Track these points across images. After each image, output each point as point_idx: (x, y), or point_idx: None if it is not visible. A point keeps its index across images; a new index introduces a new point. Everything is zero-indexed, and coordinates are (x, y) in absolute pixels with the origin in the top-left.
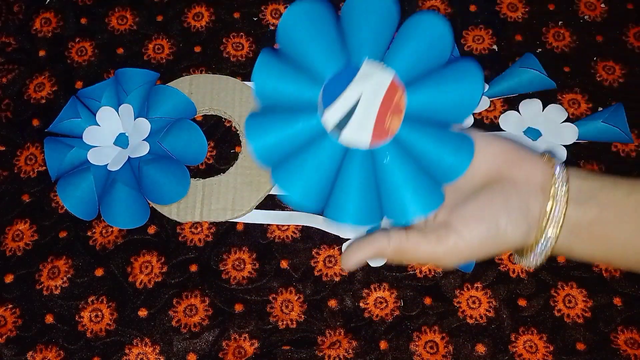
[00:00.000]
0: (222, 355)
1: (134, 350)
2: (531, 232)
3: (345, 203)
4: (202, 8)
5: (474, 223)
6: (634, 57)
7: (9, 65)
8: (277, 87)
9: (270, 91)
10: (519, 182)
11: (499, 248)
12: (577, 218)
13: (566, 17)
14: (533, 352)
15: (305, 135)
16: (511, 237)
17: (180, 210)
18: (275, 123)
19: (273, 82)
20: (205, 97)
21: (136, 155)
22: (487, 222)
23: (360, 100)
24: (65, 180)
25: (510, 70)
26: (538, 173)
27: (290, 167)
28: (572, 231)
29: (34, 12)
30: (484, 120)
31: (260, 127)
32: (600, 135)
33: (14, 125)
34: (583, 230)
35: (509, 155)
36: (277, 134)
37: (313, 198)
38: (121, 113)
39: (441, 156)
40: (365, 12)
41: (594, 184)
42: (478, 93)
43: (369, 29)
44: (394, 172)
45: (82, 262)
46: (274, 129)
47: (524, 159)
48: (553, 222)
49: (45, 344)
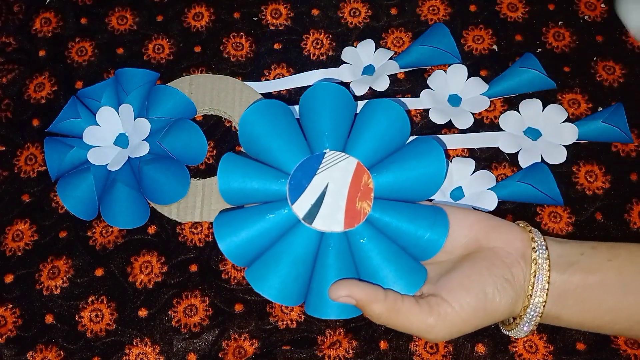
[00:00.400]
0: (222, 355)
1: (134, 350)
2: (518, 300)
3: (328, 299)
4: (202, 8)
5: (462, 293)
6: (634, 57)
7: (9, 65)
8: (243, 186)
9: (237, 192)
10: (499, 250)
11: (490, 318)
12: (562, 283)
13: (566, 17)
14: (533, 352)
15: (277, 229)
16: (499, 306)
17: (180, 210)
18: (245, 220)
19: (238, 183)
20: (205, 97)
21: (136, 155)
22: (475, 291)
23: (328, 188)
24: (65, 180)
25: (510, 70)
26: (516, 240)
27: (264, 265)
28: (558, 297)
29: (34, 12)
30: (484, 120)
31: (230, 226)
32: (600, 135)
33: (14, 125)
34: (570, 296)
35: (484, 224)
36: (248, 232)
37: (292, 293)
38: (121, 113)
39: (417, 233)
40: (322, 103)
41: (573, 250)
42: (442, 168)
43: (328, 119)
44: (373, 253)
45: (82, 262)
46: (244, 226)
47: (500, 227)
48: (538, 287)
49: (45, 344)
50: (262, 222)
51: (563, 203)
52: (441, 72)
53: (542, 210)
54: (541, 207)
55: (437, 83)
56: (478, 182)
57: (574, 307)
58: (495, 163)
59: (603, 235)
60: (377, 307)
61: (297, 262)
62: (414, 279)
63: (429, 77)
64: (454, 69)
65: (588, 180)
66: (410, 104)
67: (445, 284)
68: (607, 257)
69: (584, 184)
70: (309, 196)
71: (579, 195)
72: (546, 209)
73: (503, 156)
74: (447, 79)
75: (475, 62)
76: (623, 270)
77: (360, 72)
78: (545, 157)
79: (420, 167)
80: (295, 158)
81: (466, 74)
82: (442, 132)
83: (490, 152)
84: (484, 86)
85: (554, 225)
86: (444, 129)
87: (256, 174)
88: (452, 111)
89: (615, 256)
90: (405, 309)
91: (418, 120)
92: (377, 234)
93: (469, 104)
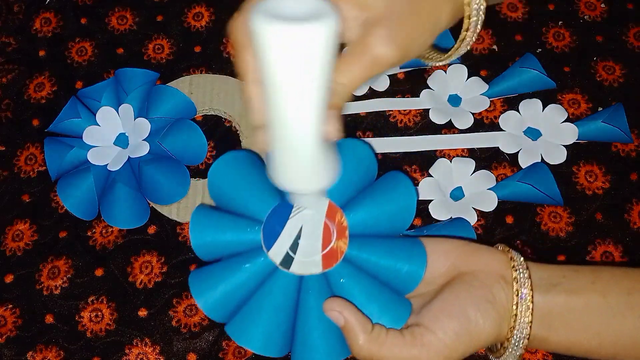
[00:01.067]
0: (222, 355)
1: (134, 350)
2: (503, 322)
3: (313, 344)
4: (202, 8)
5: (444, 319)
6: (634, 57)
7: (9, 65)
8: (216, 239)
9: (211, 245)
10: (478, 273)
11: (475, 342)
12: (546, 304)
13: (566, 17)
14: (533, 352)
15: (254, 279)
16: (484, 328)
17: (180, 210)
18: (222, 273)
19: (212, 236)
20: (205, 97)
21: (136, 155)
22: (457, 315)
23: (302, 231)
24: (65, 180)
25: (510, 70)
26: (495, 262)
27: (245, 317)
28: (543, 319)
29: (34, 12)
30: (484, 120)
31: (207, 282)
32: (600, 135)
33: (14, 125)
34: (555, 318)
35: (461, 250)
36: (225, 285)
37: (276, 344)
38: (121, 113)
39: (396, 266)
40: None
41: (555, 272)
42: (413, 201)
43: None
44: (354, 291)
45: (82, 262)
46: (221, 280)
47: (477, 251)
48: (523, 307)
49: (45, 344)
50: (239, 274)
51: (563, 203)
52: (441, 72)
53: (542, 210)
54: (541, 207)
55: (437, 83)
56: (478, 182)
57: (560, 329)
58: (495, 163)
59: (603, 235)
60: (362, 337)
61: (278, 310)
62: (399, 312)
63: (429, 77)
64: (454, 69)
65: (588, 180)
66: (410, 104)
67: (427, 313)
68: (591, 280)
69: (584, 184)
70: (284, 241)
71: (579, 195)
72: (546, 209)
73: (503, 156)
74: (447, 79)
75: (475, 62)
76: (607, 292)
77: None
78: (545, 157)
79: (391, 201)
80: (267, 205)
81: (466, 74)
82: (442, 132)
83: (490, 152)
84: (484, 86)
85: (554, 225)
86: (444, 129)
87: (229, 225)
88: (452, 111)
89: (598, 279)
90: (390, 341)
91: (418, 120)
92: (357, 271)
93: (469, 104)
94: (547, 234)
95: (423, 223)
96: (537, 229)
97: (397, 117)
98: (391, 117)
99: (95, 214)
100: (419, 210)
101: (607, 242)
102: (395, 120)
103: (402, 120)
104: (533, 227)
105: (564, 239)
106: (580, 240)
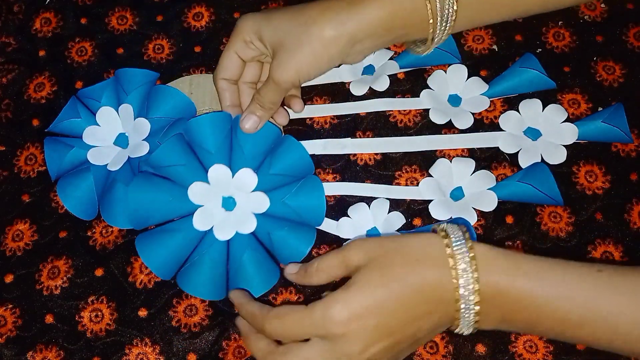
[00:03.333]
0: (222, 355)
1: (134, 350)
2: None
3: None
4: (202, 8)
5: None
6: (634, 57)
7: (9, 65)
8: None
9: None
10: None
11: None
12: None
13: (566, 17)
14: (533, 352)
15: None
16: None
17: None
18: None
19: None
20: (205, 97)
21: (136, 155)
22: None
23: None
24: (65, 180)
25: (510, 70)
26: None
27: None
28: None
29: (34, 12)
30: (484, 120)
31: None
32: (600, 135)
33: (14, 125)
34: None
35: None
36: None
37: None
38: (121, 113)
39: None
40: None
41: (497, 251)
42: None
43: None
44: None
45: (82, 262)
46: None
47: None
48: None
49: (45, 344)
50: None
51: (563, 203)
52: (441, 72)
53: (542, 210)
54: (541, 207)
55: (437, 83)
56: (478, 182)
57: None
58: (495, 163)
59: (603, 235)
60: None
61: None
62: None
63: (429, 77)
64: (454, 69)
65: (588, 180)
66: (410, 104)
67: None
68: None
69: (584, 184)
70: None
71: (579, 195)
72: (546, 209)
73: (503, 156)
74: (447, 79)
75: (475, 62)
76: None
77: (360, 72)
78: (545, 157)
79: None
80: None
81: (466, 74)
82: (442, 132)
83: (490, 152)
84: (484, 86)
85: (554, 225)
86: (444, 129)
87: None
88: (452, 111)
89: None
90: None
91: (418, 120)
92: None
93: (469, 104)
94: (547, 234)
95: (423, 223)
96: (537, 229)
97: (397, 117)
98: (391, 117)
99: (95, 214)
100: (419, 210)
101: (607, 242)
102: (395, 120)
103: (402, 120)
104: (533, 227)
105: (564, 239)
106: (580, 240)
